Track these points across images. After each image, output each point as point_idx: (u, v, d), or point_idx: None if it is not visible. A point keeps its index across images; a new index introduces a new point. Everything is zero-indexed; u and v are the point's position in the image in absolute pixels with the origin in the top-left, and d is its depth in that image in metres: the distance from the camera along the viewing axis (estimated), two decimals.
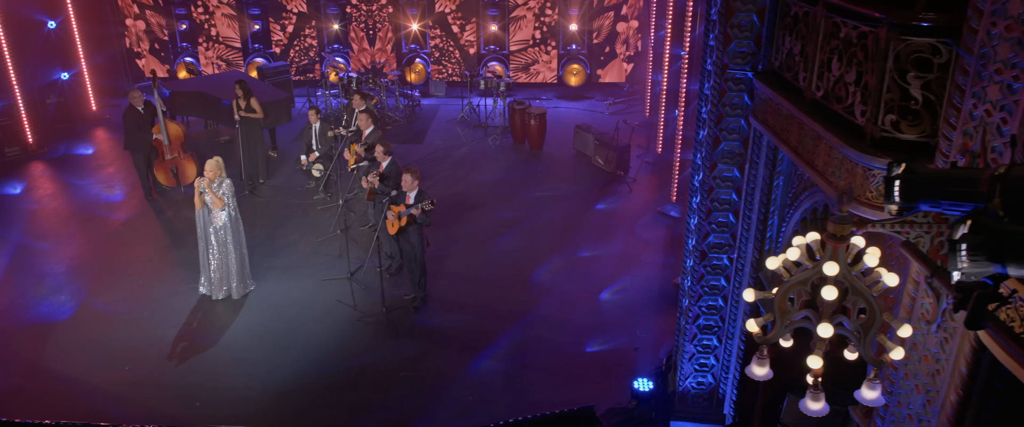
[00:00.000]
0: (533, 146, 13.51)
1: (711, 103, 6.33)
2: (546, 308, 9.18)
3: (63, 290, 9.64)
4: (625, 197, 11.88)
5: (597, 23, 15.56)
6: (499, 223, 11.07)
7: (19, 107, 13.23)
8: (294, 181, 12.41)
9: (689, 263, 7.11)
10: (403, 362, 8.35)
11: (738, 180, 6.50)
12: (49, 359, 8.43)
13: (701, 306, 7.04)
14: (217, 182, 8.89)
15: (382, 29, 15.94)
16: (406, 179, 8.62)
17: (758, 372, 4.06)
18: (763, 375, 4.07)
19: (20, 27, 13.32)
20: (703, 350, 7.24)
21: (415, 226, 8.70)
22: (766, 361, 4.05)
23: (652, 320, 8.98)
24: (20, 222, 11.31)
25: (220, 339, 8.71)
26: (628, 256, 10.27)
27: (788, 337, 4.14)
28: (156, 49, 16.23)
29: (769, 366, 4.06)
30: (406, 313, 9.08)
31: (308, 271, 9.93)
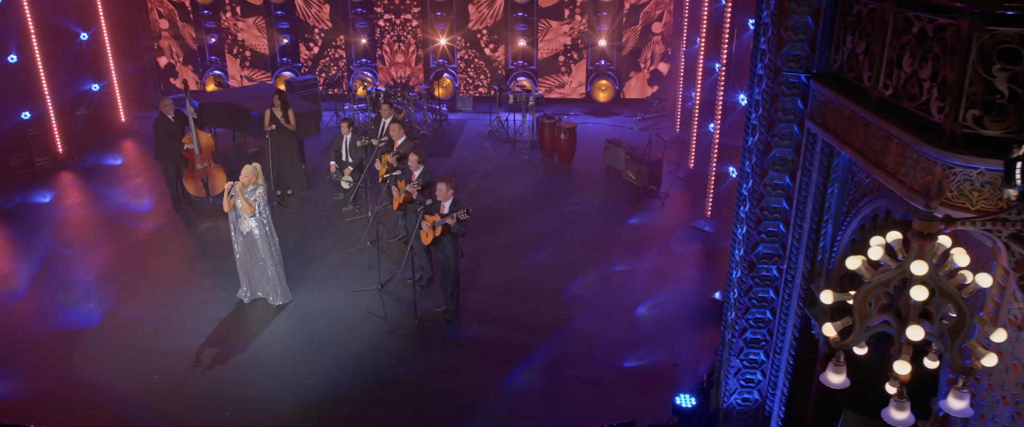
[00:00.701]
0: (563, 161, 13.36)
1: (763, 108, 6.15)
2: (581, 322, 8.97)
3: (91, 298, 9.55)
4: (658, 212, 11.68)
5: (627, 39, 15.46)
6: (530, 237, 10.90)
7: (50, 117, 13.28)
8: (322, 193, 12.32)
9: (736, 274, 6.89)
10: (436, 375, 8.15)
11: (789, 188, 6.29)
12: (77, 366, 8.31)
13: (748, 319, 6.81)
14: (251, 188, 8.80)
15: (410, 44, 15.93)
16: (441, 188, 8.48)
17: (834, 380, 3.83)
18: (840, 383, 3.84)
19: (53, 38, 13.41)
20: (750, 365, 6.99)
21: (450, 236, 8.54)
22: (843, 368, 3.83)
23: (691, 336, 8.74)
24: (49, 230, 11.28)
25: (250, 349, 8.56)
26: (663, 271, 10.05)
27: (863, 344, 3.93)
28: (184, 61, 16.29)
29: (846, 374, 3.84)
30: (438, 325, 8.89)
31: (338, 282, 9.79)
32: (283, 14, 15.78)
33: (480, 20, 15.60)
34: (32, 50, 12.92)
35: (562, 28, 15.57)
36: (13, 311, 9.30)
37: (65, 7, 13.76)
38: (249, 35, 16.08)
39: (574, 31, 15.57)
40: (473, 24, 15.65)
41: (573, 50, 15.71)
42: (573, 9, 15.37)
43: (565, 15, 15.45)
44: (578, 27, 15.50)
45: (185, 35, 16.11)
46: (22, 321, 9.09)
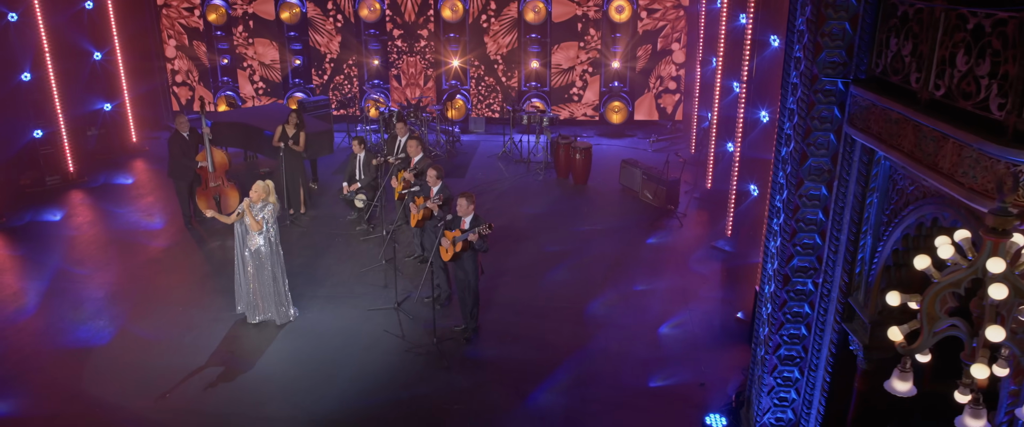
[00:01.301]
0: (578, 181, 13.23)
1: (798, 117, 6.02)
2: (604, 341, 8.75)
3: (102, 315, 9.36)
4: (676, 232, 11.51)
5: (640, 61, 15.42)
6: (548, 256, 10.72)
7: (62, 136, 13.20)
8: (335, 212, 12.18)
9: (769, 288, 6.70)
10: (456, 394, 7.92)
11: (826, 199, 6.13)
12: (87, 384, 8.10)
13: (783, 335, 6.60)
14: (260, 205, 8.66)
15: (423, 64, 15.90)
16: (461, 203, 8.33)
17: (901, 387, 3.63)
18: (906, 391, 3.64)
19: (67, 57, 13.39)
20: (784, 383, 6.76)
21: (470, 252, 8.37)
22: (910, 375, 3.63)
23: (716, 355, 8.52)
24: (59, 248, 11.12)
25: (263, 367, 8.34)
26: (685, 290, 9.85)
27: (927, 352, 3.74)
28: (198, 80, 16.25)
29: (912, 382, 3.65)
30: (457, 344, 8.68)
31: (352, 301, 9.59)
32: (296, 35, 15.78)
33: (496, 47, 15.57)
34: (46, 68, 12.88)
35: (576, 50, 15.53)
36: (23, 328, 9.11)
37: (80, 26, 13.75)
38: (261, 56, 16.05)
39: (588, 53, 15.53)
40: (488, 48, 15.63)
41: (586, 73, 15.66)
42: (585, 24, 15.34)
43: (578, 28, 15.41)
44: (592, 48, 15.46)
45: (198, 56, 16.08)
46: (32, 338, 8.90)
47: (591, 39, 15.33)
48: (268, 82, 16.23)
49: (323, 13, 15.58)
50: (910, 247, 5.38)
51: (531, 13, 15.10)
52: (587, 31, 15.30)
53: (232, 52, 15.97)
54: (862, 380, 6.11)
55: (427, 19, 15.54)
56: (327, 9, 15.56)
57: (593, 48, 15.36)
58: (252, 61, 16.10)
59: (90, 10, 13.89)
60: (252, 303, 8.99)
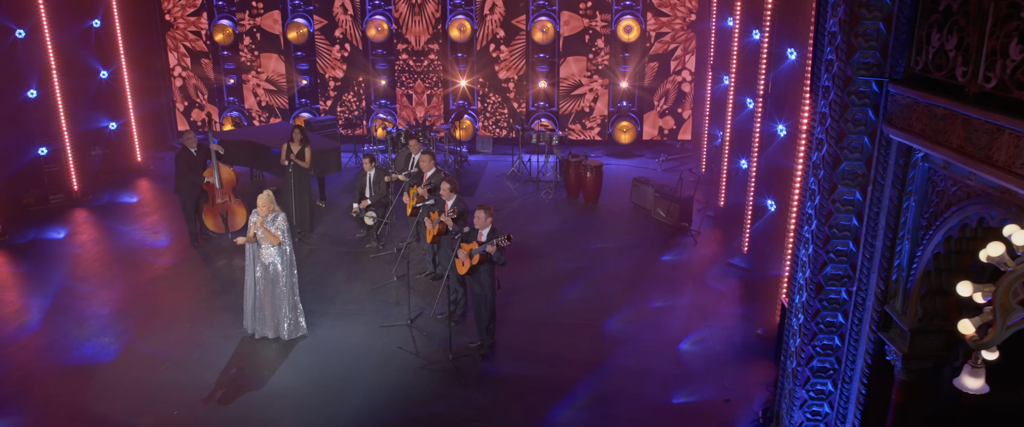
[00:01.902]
0: (588, 200, 13.08)
1: (831, 119, 5.89)
2: (623, 358, 8.54)
3: (107, 332, 9.12)
4: (691, 249, 11.34)
5: (649, 81, 15.38)
6: (562, 273, 10.53)
7: (67, 154, 13.04)
8: (344, 230, 11.99)
9: (800, 298, 6.52)
10: (474, 412, 7.68)
11: (860, 204, 5.97)
12: (93, 401, 7.84)
13: (816, 346, 6.40)
14: (271, 217, 8.48)
15: (430, 84, 15.83)
16: (479, 216, 8.16)
17: (972, 385, 3.45)
18: (978, 388, 3.46)
19: (74, 74, 13.28)
20: (817, 396, 6.55)
21: (487, 266, 8.19)
22: (982, 371, 3.45)
23: (739, 371, 8.30)
24: (63, 265, 10.90)
25: (274, 384, 8.10)
26: (703, 307, 9.65)
27: (993, 349, 3.56)
28: (207, 100, 16.16)
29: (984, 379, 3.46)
30: (473, 361, 8.46)
31: (364, 318, 9.38)
32: (303, 55, 15.72)
33: (503, 68, 15.54)
34: (52, 86, 12.76)
35: (584, 68, 15.50)
36: (25, 345, 8.86)
37: (87, 44, 13.67)
38: (268, 75, 15.97)
39: (596, 70, 15.50)
40: (496, 68, 15.59)
41: (594, 91, 15.60)
42: (593, 36, 15.31)
43: (586, 44, 15.38)
44: (600, 66, 15.43)
45: (204, 75, 16.00)
46: (34, 355, 8.65)
47: (599, 57, 15.29)
48: (275, 99, 16.13)
49: (329, 41, 15.54)
50: (953, 251, 5.22)
51: (539, 33, 15.08)
52: (594, 45, 15.25)
53: (239, 70, 15.89)
54: (900, 391, 5.91)
55: (434, 38, 15.50)
56: (335, 37, 15.52)
57: (602, 63, 15.29)
58: (258, 84, 16.02)
59: (98, 28, 13.82)
60: (262, 319, 8.78)
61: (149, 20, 15.27)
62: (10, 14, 12.01)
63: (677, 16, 15.02)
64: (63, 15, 12.89)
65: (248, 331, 8.83)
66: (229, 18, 15.54)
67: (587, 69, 15.44)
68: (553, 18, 15.06)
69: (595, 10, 15.02)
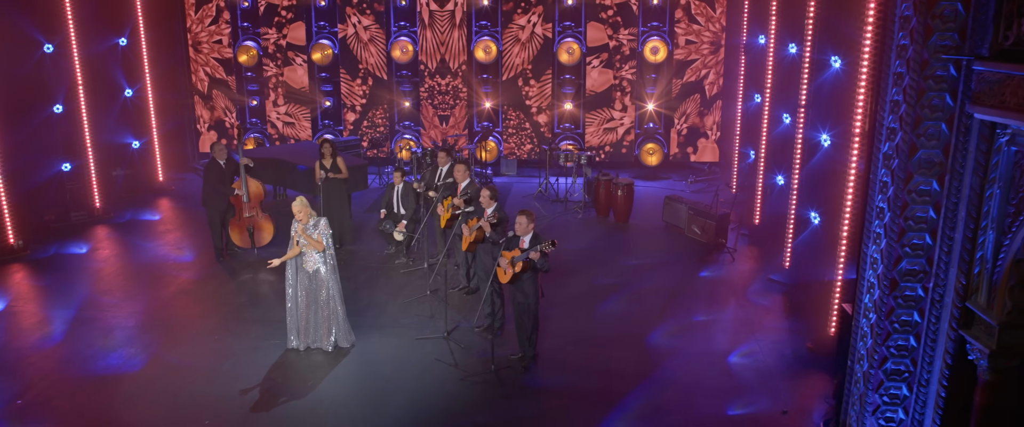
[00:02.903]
0: (619, 219, 12.83)
1: (906, 106, 5.67)
2: (672, 370, 8.20)
3: (133, 343, 8.82)
4: (729, 266, 11.04)
5: (676, 103, 15.26)
6: (599, 288, 10.23)
7: (90, 170, 12.86)
8: (371, 246, 11.73)
9: (870, 298, 6.22)
10: (520, 423, 7.35)
11: (937, 194, 5.72)
12: (120, 410, 7.52)
13: (889, 346, 6.08)
14: (311, 223, 8.23)
15: (456, 106, 15.74)
16: (521, 222, 7.91)
17: None
18: None
19: (100, 92, 13.19)
20: (891, 401, 6.20)
21: (530, 274, 7.91)
22: None
23: (793, 384, 7.95)
24: (85, 279, 10.64)
25: (309, 394, 7.76)
26: (748, 321, 9.34)
27: None
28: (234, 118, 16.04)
29: None
30: (515, 373, 8.12)
31: (399, 330, 9.06)
32: (327, 76, 15.66)
33: (529, 89, 15.47)
34: (78, 101, 12.65)
35: (610, 91, 15.41)
36: (48, 355, 8.55)
37: (113, 61, 13.61)
38: (292, 99, 15.90)
39: (622, 89, 15.40)
40: (522, 89, 15.51)
41: (621, 113, 15.49)
42: (619, 46, 15.24)
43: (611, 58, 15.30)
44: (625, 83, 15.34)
45: (227, 96, 15.91)
46: (58, 365, 8.34)
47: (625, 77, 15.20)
48: (298, 120, 16.02)
49: (351, 76, 15.52)
50: None
51: (565, 54, 15.02)
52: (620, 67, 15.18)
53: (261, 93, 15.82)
54: (984, 392, 5.58)
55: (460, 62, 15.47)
56: (358, 71, 15.50)
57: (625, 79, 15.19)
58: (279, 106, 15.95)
59: (123, 47, 13.77)
60: (304, 330, 8.46)
61: (175, 40, 15.24)
62: (40, 28, 11.95)
63: (704, 41, 14.97)
64: (91, 31, 12.85)
65: (292, 345, 8.50)
66: (253, 40, 15.52)
67: (613, 92, 15.34)
68: (579, 40, 15.02)
69: (619, 27, 14.98)
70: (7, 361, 8.41)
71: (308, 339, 8.48)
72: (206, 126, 16.05)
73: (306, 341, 8.49)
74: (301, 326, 8.46)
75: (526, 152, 15.77)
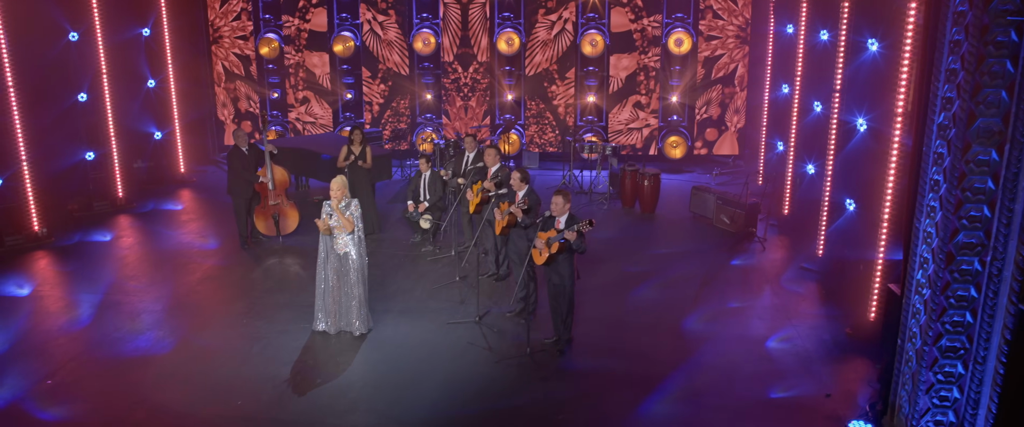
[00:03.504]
0: (645, 209, 12.69)
1: (964, 74, 5.53)
2: (709, 355, 8.04)
3: (161, 327, 8.73)
4: (760, 254, 10.88)
5: (701, 94, 15.11)
6: (630, 275, 10.09)
7: (114, 160, 12.81)
8: (397, 234, 11.62)
9: (923, 274, 6.05)
10: (559, 405, 7.20)
11: (996, 164, 5.57)
12: (150, 391, 7.42)
13: (944, 323, 5.92)
14: (344, 203, 8.14)
15: (476, 98, 15.63)
16: (557, 202, 7.79)
17: None
18: None
19: (124, 81, 13.15)
20: (945, 379, 6.04)
21: (566, 255, 7.78)
22: None
23: (835, 369, 7.79)
24: (110, 265, 10.57)
25: (342, 376, 7.66)
26: (784, 307, 9.17)
27: None
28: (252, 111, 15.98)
29: None
30: (550, 357, 7.98)
31: (429, 315, 8.94)
32: (349, 69, 15.59)
33: (552, 82, 15.36)
34: (102, 90, 12.61)
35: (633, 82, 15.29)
36: (77, 338, 8.47)
37: (137, 51, 13.57)
38: (313, 89, 15.83)
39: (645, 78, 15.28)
40: (544, 82, 15.40)
41: (645, 105, 15.36)
42: (643, 44, 15.12)
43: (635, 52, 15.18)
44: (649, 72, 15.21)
45: (248, 88, 15.86)
46: (87, 347, 8.25)
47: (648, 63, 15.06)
48: (319, 112, 15.95)
49: (372, 76, 15.45)
50: None
51: (588, 46, 14.91)
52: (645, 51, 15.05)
53: (282, 85, 15.76)
54: None
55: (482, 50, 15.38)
56: (377, 71, 15.44)
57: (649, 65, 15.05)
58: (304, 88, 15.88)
59: (147, 37, 13.73)
60: (333, 313, 8.36)
61: (197, 31, 15.20)
62: (66, 15, 11.92)
63: (728, 34, 14.83)
64: (116, 20, 12.82)
65: (320, 328, 8.39)
66: (275, 32, 15.48)
67: (637, 79, 15.21)
68: (603, 32, 14.91)
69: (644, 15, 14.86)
70: (35, 344, 8.33)
71: (339, 322, 8.38)
72: (231, 117, 15.97)
73: (337, 324, 8.39)
74: (331, 308, 8.36)
75: (548, 143, 15.63)
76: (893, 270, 7.95)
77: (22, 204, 11.13)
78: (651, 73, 15.04)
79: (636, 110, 15.32)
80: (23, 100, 10.99)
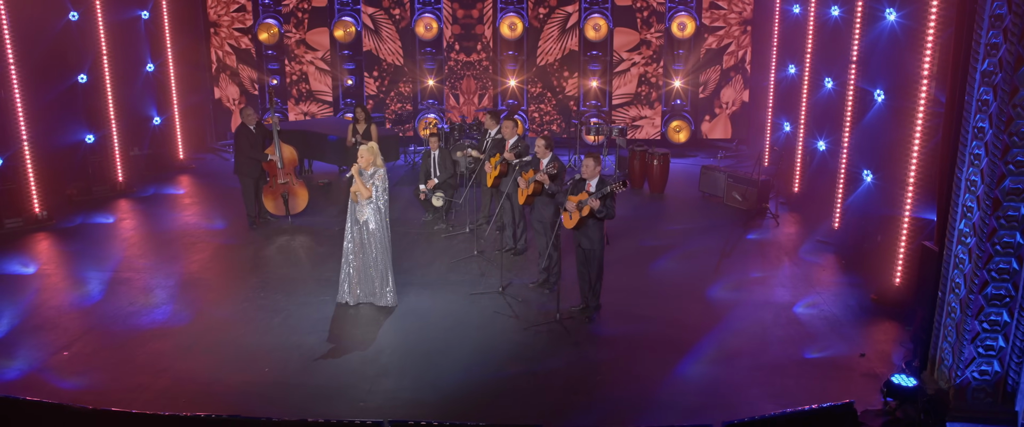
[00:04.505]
0: (654, 189, 12.66)
1: (1011, 17, 5.53)
2: (738, 319, 8.01)
3: (176, 301, 8.53)
4: (774, 229, 10.88)
5: (705, 79, 15.14)
6: (647, 249, 10.04)
7: (114, 143, 12.53)
8: (408, 215, 11.44)
9: (966, 223, 6.04)
10: (594, 367, 7.14)
11: None
12: (173, 359, 7.24)
13: (990, 270, 5.91)
14: (370, 172, 8.00)
15: (479, 83, 15.53)
16: (588, 164, 7.72)
17: None
18: None
19: (123, 64, 12.88)
20: (990, 328, 6.02)
21: (596, 219, 7.70)
22: None
23: (864, 331, 7.80)
24: (116, 245, 10.33)
25: (371, 344, 7.53)
26: (806, 276, 9.17)
27: None
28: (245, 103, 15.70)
29: None
30: (579, 323, 7.89)
31: (449, 287, 8.83)
32: (350, 54, 15.42)
33: (554, 66, 15.30)
34: (103, 72, 12.34)
35: (636, 68, 15.28)
36: (89, 312, 8.24)
37: (136, 34, 13.31)
38: (312, 76, 15.63)
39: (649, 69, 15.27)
40: (547, 67, 15.35)
41: (649, 90, 15.35)
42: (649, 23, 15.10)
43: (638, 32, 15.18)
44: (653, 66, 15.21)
45: (245, 76, 15.61)
46: (101, 320, 8.03)
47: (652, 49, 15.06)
48: (319, 99, 15.75)
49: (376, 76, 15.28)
50: None
51: (592, 31, 14.89)
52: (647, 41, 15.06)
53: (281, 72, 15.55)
54: None
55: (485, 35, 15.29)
56: (374, 65, 15.28)
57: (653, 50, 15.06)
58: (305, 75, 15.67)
59: (146, 20, 13.48)
60: (355, 283, 8.21)
61: (195, 16, 14.96)
62: None
63: (732, 15, 14.87)
64: (116, 2, 12.57)
65: (343, 299, 8.24)
66: (275, 17, 15.28)
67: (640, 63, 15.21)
68: (607, 16, 14.90)
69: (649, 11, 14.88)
70: (47, 318, 8.08)
71: (362, 293, 8.22)
72: (237, 102, 15.67)
73: (357, 296, 8.23)
74: (353, 279, 8.21)
75: (551, 124, 15.56)
76: (919, 232, 7.96)
77: (23, 185, 10.83)
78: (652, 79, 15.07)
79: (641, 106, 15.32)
80: (24, 78, 10.71)
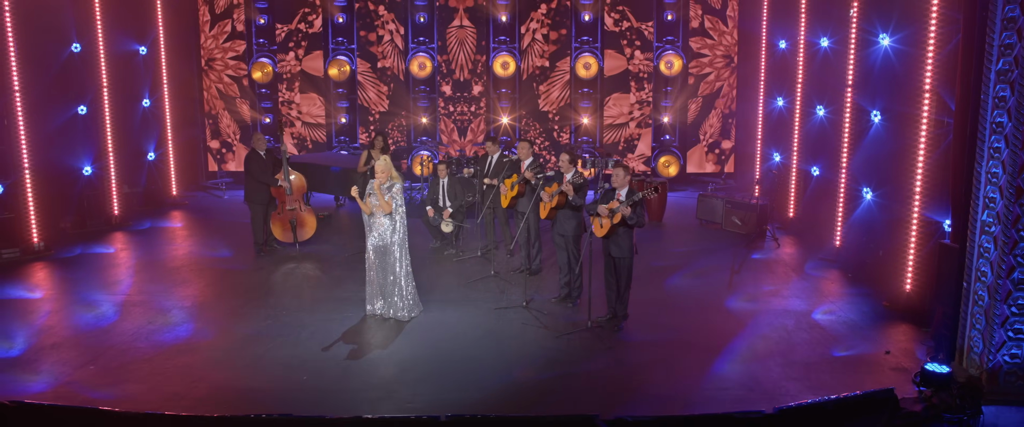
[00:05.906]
0: (653, 217, 12.92)
1: None
2: (762, 325, 8.20)
3: (196, 319, 8.39)
4: (776, 250, 11.19)
5: (692, 114, 15.64)
6: (658, 269, 10.22)
7: (111, 175, 12.38)
8: (415, 242, 11.38)
9: (989, 214, 6.38)
10: (633, 368, 7.24)
11: None
12: (206, 370, 7.12)
13: (1017, 255, 6.24)
14: (387, 185, 8.11)
15: (474, 121, 15.81)
16: (618, 174, 7.93)
17: None
18: None
19: (122, 98, 12.83)
20: (1019, 312, 6.32)
21: (626, 228, 7.89)
22: None
23: (885, 332, 8.05)
24: (123, 272, 10.16)
25: (405, 354, 7.51)
26: (816, 288, 9.44)
27: None
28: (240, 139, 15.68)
29: None
30: (609, 331, 7.98)
31: (472, 304, 8.86)
32: (344, 92, 15.60)
33: (546, 103, 15.70)
34: (102, 105, 12.29)
35: (628, 106, 15.74)
36: (108, 331, 8.05)
37: (135, 69, 13.31)
38: (306, 113, 15.71)
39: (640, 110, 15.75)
40: (540, 104, 15.73)
41: (638, 127, 15.79)
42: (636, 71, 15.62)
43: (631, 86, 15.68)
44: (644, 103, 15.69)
45: (240, 111, 15.61)
46: (123, 338, 7.85)
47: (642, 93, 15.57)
48: (313, 142, 15.81)
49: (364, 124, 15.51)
50: None
51: (582, 70, 15.36)
52: (640, 86, 15.57)
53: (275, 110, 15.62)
54: None
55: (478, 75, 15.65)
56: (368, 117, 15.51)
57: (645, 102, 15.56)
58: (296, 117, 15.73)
59: (144, 56, 13.51)
60: (374, 295, 8.21)
61: (191, 55, 15.02)
62: (74, 25, 11.67)
63: (717, 54, 15.51)
64: (117, 36, 12.60)
65: (370, 310, 8.23)
66: (269, 57, 15.43)
67: (631, 108, 15.68)
68: (597, 55, 15.41)
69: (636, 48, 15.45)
70: (63, 336, 7.89)
71: (383, 305, 8.22)
72: (237, 136, 15.61)
73: (383, 307, 8.24)
74: (376, 291, 8.22)
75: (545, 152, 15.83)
76: (928, 239, 8.31)
77: (22, 214, 10.62)
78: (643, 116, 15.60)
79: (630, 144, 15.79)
80: (28, 106, 10.62)
